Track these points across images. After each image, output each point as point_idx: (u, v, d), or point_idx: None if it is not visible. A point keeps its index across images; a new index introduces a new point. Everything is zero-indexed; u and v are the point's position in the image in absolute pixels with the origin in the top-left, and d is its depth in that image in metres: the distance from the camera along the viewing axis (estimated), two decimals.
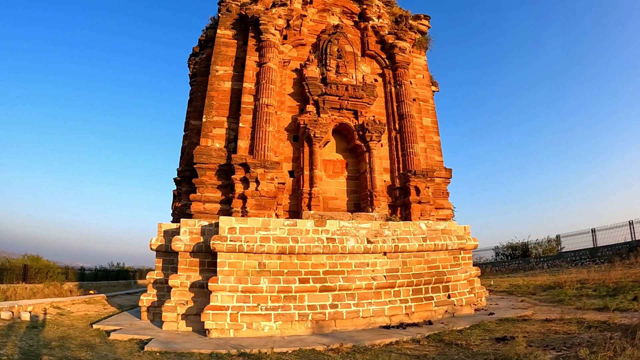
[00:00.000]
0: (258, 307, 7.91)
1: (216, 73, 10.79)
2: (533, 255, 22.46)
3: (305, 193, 9.99)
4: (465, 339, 6.75)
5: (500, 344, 6.18)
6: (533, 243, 23.29)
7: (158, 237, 9.99)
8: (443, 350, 6.16)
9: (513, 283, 15.57)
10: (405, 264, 9.21)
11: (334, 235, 8.69)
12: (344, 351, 6.41)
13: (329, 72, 10.81)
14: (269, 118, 9.95)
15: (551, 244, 22.19)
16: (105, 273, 30.03)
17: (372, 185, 10.35)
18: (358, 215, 9.75)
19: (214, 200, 9.79)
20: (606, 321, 6.95)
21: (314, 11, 11.96)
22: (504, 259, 24.49)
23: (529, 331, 7.02)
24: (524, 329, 7.29)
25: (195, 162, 9.88)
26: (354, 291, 8.40)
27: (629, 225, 18.61)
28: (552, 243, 22.17)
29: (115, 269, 32.39)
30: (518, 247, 23.87)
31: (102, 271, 30.40)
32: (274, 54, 10.70)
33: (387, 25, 12.06)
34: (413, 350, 6.29)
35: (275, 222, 8.52)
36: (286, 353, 6.36)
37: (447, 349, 6.22)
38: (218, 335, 7.62)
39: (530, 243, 23.48)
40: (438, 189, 11.40)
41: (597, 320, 7.18)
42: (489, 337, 6.82)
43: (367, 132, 10.51)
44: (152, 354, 6.28)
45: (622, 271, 13.95)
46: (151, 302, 9.60)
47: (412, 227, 9.48)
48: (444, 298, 9.37)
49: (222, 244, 8.12)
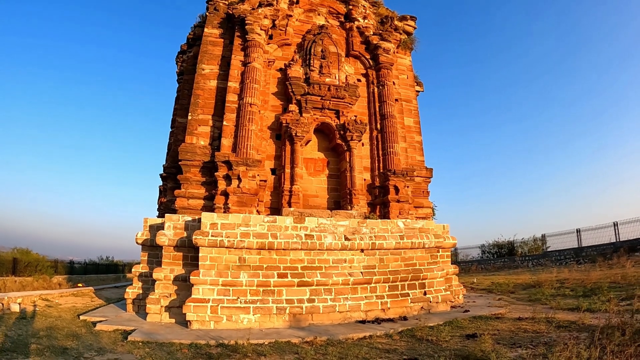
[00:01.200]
0: (238, 300, 8.39)
1: (202, 72, 11.21)
2: (519, 253, 23.10)
3: (286, 190, 10.48)
4: (436, 335, 7.10)
5: (469, 340, 6.48)
6: (519, 242, 23.98)
7: (144, 231, 10.45)
8: (413, 346, 6.53)
9: (495, 281, 16.07)
10: (382, 261, 9.71)
11: (312, 232, 9.18)
12: (318, 344, 6.80)
13: (312, 72, 11.25)
14: (252, 117, 10.41)
15: (537, 243, 22.84)
16: (95, 267, 30.47)
17: (351, 183, 10.86)
18: (337, 213, 10.26)
19: (197, 197, 10.26)
20: (576, 321, 7.23)
21: (300, 11, 12.37)
22: (489, 257, 25.13)
23: (500, 329, 7.36)
24: (496, 326, 7.65)
25: (180, 159, 10.33)
26: (331, 286, 8.87)
27: (614, 226, 19.22)
28: (537, 242, 22.81)
29: (104, 262, 32.83)
30: (504, 246, 24.53)
31: (92, 265, 30.84)
32: (259, 54, 11.12)
33: (372, 26, 12.50)
34: (384, 345, 6.68)
35: (256, 219, 9.00)
36: (262, 345, 6.75)
37: (417, 345, 6.59)
38: (199, 326, 8.07)
39: (516, 242, 24.17)
40: (418, 188, 11.91)
41: (567, 320, 7.47)
42: (459, 334, 7.16)
43: (348, 131, 11.00)
44: (135, 344, 6.72)
45: (602, 272, 14.37)
46: (136, 294, 10.05)
47: (389, 225, 9.98)
48: (420, 295, 9.82)
49: (204, 239, 8.59)
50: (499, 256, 24.38)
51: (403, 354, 6.01)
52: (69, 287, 15.63)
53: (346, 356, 5.89)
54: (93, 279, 22.29)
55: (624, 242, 18.47)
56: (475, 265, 23.52)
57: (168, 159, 12.00)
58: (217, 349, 6.58)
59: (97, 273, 28.67)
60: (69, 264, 29.13)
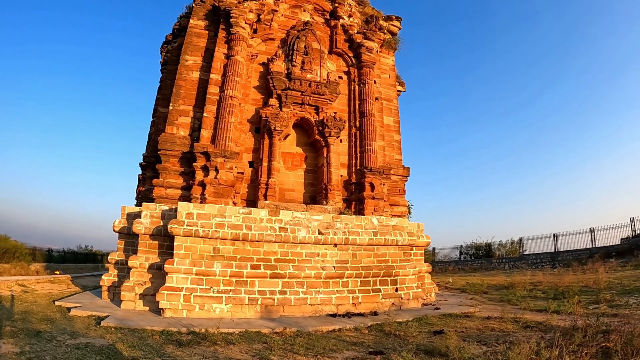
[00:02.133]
0: (210, 289, 8.70)
1: (185, 63, 11.44)
2: (496, 255, 23.83)
3: (263, 183, 10.81)
4: (404, 330, 7.35)
5: (436, 337, 6.70)
6: (497, 244, 24.73)
7: (121, 219, 10.67)
8: (380, 340, 6.77)
9: (470, 282, 16.56)
10: (355, 256, 10.09)
11: (286, 225, 9.52)
12: (287, 335, 7.07)
13: (294, 67, 11.57)
14: (232, 109, 10.70)
15: (514, 245, 23.57)
16: (74, 255, 30.48)
17: (327, 179, 11.23)
18: (312, 207, 10.63)
19: (175, 186, 10.54)
20: (543, 322, 7.47)
21: (286, 7, 12.65)
22: (467, 258, 25.82)
23: (468, 327, 7.61)
24: (464, 324, 7.92)
25: (160, 148, 10.57)
26: (303, 279, 9.22)
27: (590, 232, 20.01)
28: (515, 245, 23.55)
29: (83, 251, 32.83)
30: (482, 247, 25.23)
31: (70, 253, 30.84)
32: (242, 47, 11.40)
33: (356, 25, 12.85)
34: (352, 338, 6.93)
35: (231, 210, 9.31)
36: (232, 334, 6.98)
37: (385, 339, 6.84)
38: (172, 314, 8.35)
39: (493, 244, 24.91)
40: (395, 187, 12.34)
41: (535, 320, 7.72)
42: (427, 330, 7.43)
43: (327, 127, 11.36)
44: (108, 329, 6.95)
45: (575, 276, 14.87)
46: (112, 282, 10.29)
47: (363, 221, 10.37)
48: (392, 291, 10.17)
49: (180, 228, 8.87)
50: (476, 257, 25.09)
51: (369, 347, 6.25)
52: (47, 275, 15.77)
53: (313, 347, 6.17)
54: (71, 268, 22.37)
55: (600, 248, 19.22)
56: (452, 265, 24.15)
57: (148, 148, 12.22)
58: (187, 337, 6.82)
59: (75, 262, 28.70)
60: (47, 252, 29.13)
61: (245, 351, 5.99)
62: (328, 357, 5.69)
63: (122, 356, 5.45)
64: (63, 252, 31.43)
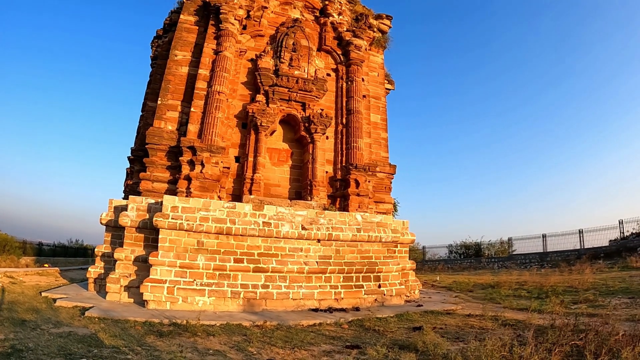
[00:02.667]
0: (194, 282, 8.93)
1: (175, 58, 11.65)
2: (486, 255, 24.20)
3: (248, 178, 11.05)
4: (384, 325, 7.53)
5: (415, 333, 6.73)
6: (486, 243, 25.11)
7: (108, 212, 10.87)
8: (359, 334, 6.96)
9: (457, 280, 16.83)
10: (339, 252, 10.34)
11: (270, 220, 9.77)
12: (267, 328, 7.30)
13: (282, 64, 11.80)
14: (219, 105, 10.92)
15: (503, 245, 23.96)
16: (64, 249, 30.62)
17: (312, 175, 11.49)
18: (296, 203, 10.88)
19: (162, 180, 10.77)
20: (523, 320, 7.56)
21: (276, 3, 12.86)
22: (457, 257, 26.19)
23: (448, 324, 7.76)
24: (444, 321, 8.07)
25: (147, 142, 10.79)
26: (286, 274, 9.45)
27: (579, 233, 20.34)
28: (504, 245, 23.93)
29: (74, 245, 32.94)
30: (471, 247, 25.61)
31: (61, 247, 30.97)
32: (231, 43, 11.61)
33: (346, 23, 13.09)
34: (331, 332, 7.10)
35: (216, 204, 9.55)
36: (213, 326, 7.21)
37: (364, 333, 7.03)
38: (155, 306, 8.57)
39: (483, 243, 25.30)
40: (381, 184, 12.60)
41: (514, 319, 7.86)
42: (407, 326, 7.58)
43: (313, 124, 11.61)
44: (92, 319, 7.18)
45: (562, 276, 15.08)
46: (98, 274, 10.49)
47: (347, 217, 10.62)
48: (375, 287, 10.41)
49: (164, 221, 9.09)
50: (466, 257, 25.47)
51: (347, 341, 6.42)
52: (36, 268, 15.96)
53: (291, 340, 6.37)
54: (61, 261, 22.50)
55: (588, 250, 19.52)
56: (442, 264, 24.53)
57: (137, 142, 12.44)
58: (169, 328, 7.05)
59: (66, 256, 28.85)
60: (37, 245, 29.23)
61: (224, 342, 6.19)
62: (305, 350, 5.88)
63: (103, 345, 5.66)
64: (54, 246, 31.55)
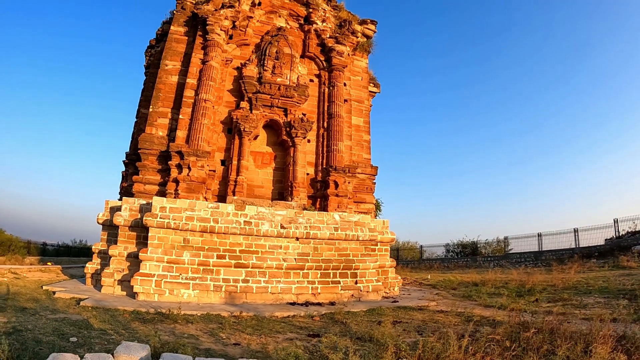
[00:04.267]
0: (180, 276, 10.15)
1: (165, 67, 12.91)
2: (483, 254, 25.08)
3: (232, 180, 12.24)
4: (352, 319, 8.19)
5: (379, 325, 7.19)
6: (483, 242, 26.02)
7: (105, 212, 12.20)
8: (326, 326, 7.66)
9: (447, 278, 17.62)
10: (317, 249, 11.42)
11: (251, 219, 10.93)
12: (243, 318, 8.27)
13: (265, 72, 12.96)
14: (205, 112, 12.14)
15: (500, 244, 24.80)
16: (67, 249, 32.31)
17: (293, 177, 12.63)
18: (277, 203, 12.04)
19: (153, 182, 12.04)
20: (488, 317, 8.08)
21: (261, 13, 14.02)
22: (454, 256, 27.14)
23: (415, 318, 8.41)
24: (413, 316, 8.73)
25: (140, 147, 12.06)
26: (265, 269, 10.59)
27: (574, 232, 21.05)
28: (501, 244, 24.78)
29: (78, 245, 34.62)
30: (468, 246, 26.51)
31: (64, 247, 32.70)
32: (217, 53, 12.81)
33: (329, 29, 14.18)
34: (302, 323, 7.86)
35: (200, 204, 10.77)
36: (194, 315, 8.26)
37: (331, 325, 7.71)
38: (144, 298, 9.80)
39: (479, 242, 26.19)
40: (362, 184, 13.68)
41: (481, 315, 8.42)
42: (374, 320, 8.18)
43: (294, 129, 12.74)
44: (85, 308, 8.39)
45: (547, 275, 15.52)
46: (95, 269, 11.80)
47: (325, 217, 11.72)
48: (352, 283, 11.38)
49: (153, 220, 10.33)
50: (463, 256, 26.35)
51: (313, 331, 7.14)
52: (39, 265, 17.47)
53: (261, 328, 7.36)
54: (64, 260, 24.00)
55: (583, 249, 20.16)
56: (438, 263, 25.42)
57: (131, 147, 13.75)
58: (153, 316, 8.14)
59: (69, 255, 30.46)
60: (42, 245, 30.99)
61: (200, 329, 7.22)
62: (271, 337, 6.80)
63: (92, 328, 6.81)
64: (57, 246, 33.32)
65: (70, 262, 23.74)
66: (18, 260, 18.88)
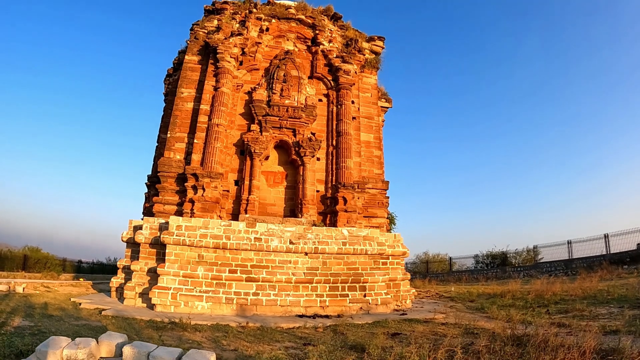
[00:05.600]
0: (194, 289, 11.22)
1: (181, 95, 14.31)
2: (512, 264, 25.00)
3: (244, 199, 13.33)
4: (353, 330, 8.67)
5: (374, 336, 7.64)
6: (512, 252, 25.99)
7: (128, 231, 13.57)
8: (326, 336, 8.11)
9: (468, 290, 17.88)
10: (326, 264, 12.19)
11: (261, 236, 11.91)
12: (249, 328, 9.00)
13: (274, 95, 14.08)
14: (218, 136, 13.36)
15: (530, 254, 24.65)
16: (102, 267, 34.54)
17: (303, 194, 13.56)
18: (287, 220, 12.99)
19: (172, 203, 13.33)
20: (489, 329, 8.09)
21: (269, 38, 15.24)
22: (483, 267, 27.12)
23: (416, 330, 8.66)
24: (415, 328, 9.01)
25: (159, 170, 13.41)
26: (275, 283, 11.43)
27: (604, 238, 20.74)
28: (530, 253, 24.63)
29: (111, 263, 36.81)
30: (497, 256, 26.52)
31: (99, 265, 35.00)
32: (228, 80, 14.08)
33: (336, 49, 15.18)
34: (304, 334, 8.42)
35: (214, 223, 11.88)
36: (204, 325, 9.10)
37: (331, 336, 8.18)
38: (161, 309, 10.94)
39: (509, 252, 26.20)
40: (373, 199, 14.42)
41: (482, 327, 8.56)
42: (374, 332, 8.47)
43: (302, 148, 13.72)
44: (106, 317, 9.57)
45: (570, 284, 15.13)
46: (119, 283, 13.13)
47: (334, 232, 12.54)
48: (360, 296, 11.98)
49: (170, 237, 11.52)
50: (492, 266, 26.36)
51: (310, 340, 7.60)
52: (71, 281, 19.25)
53: (262, 337, 8.07)
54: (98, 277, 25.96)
55: (614, 255, 19.94)
56: (467, 275, 25.53)
57: (152, 170, 15.16)
58: (165, 324, 9.11)
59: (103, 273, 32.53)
60: (77, 263, 33.39)
61: (205, 337, 8.10)
62: (269, 345, 7.47)
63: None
64: (92, 263, 35.73)
65: (104, 279, 25.67)
66: (53, 277, 20.69)
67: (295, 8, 15.45)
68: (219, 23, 14.39)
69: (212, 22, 14.67)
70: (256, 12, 14.61)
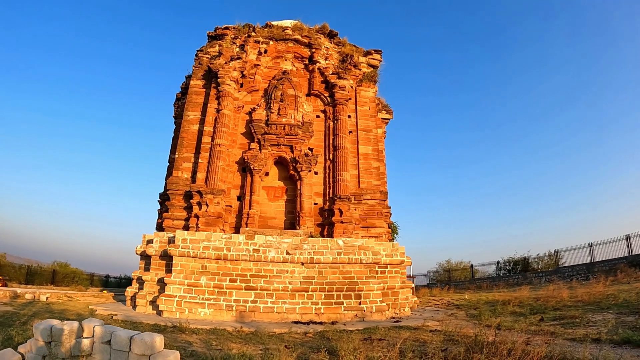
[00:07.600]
0: (197, 297, 12.73)
1: (187, 117, 16.10)
2: (536, 269, 25.16)
3: (245, 214, 14.82)
4: (339, 336, 9.26)
5: (362, 342, 8.30)
6: (534, 257, 26.23)
7: (142, 244, 15.35)
8: (313, 341, 8.90)
9: (479, 298, 18.27)
10: (321, 273, 13.38)
11: (259, 247, 13.34)
12: (244, 332, 10.04)
13: (272, 114, 15.60)
14: (220, 155, 15.00)
15: (552, 258, 24.73)
16: (128, 281, 37.10)
17: (300, 207, 14.92)
18: (285, 232, 14.39)
19: (179, 218, 15.04)
20: (470, 336, 8.24)
21: (268, 59, 16.82)
22: (505, 273, 27.39)
23: (400, 337, 9.08)
24: (401, 335, 9.53)
25: (168, 188, 15.19)
26: (272, 291, 12.74)
27: (626, 239, 20.75)
28: (552, 258, 24.70)
29: None
30: (519, 262, 26.85)
31: (125, 279, 37.49)
32: (229, 102, 15.74)
33: (332, 66, 16.56)
34: (292, 338, 9.26)
35: (216, 236, 13.44)
36: (202, 329, 10.40)
37: (318, 340, 8.93)
38: (167, 315, 12.45)
39: (531, 257, 26.47)
40: (372, 210, 15.56)
41: (465, 335, 8.86)
42: (360, 338, 9.07)
43: (299, 163, 15.12)
44: (115, 321, 11.10)
45: (579, 289, 15.48)
46: (133, 293, 14.82)
47: (329, 242, 13.78)
48: (355, 304, 13.02)
49: (176, 250, 13.15)
50: (514, 273, 26.68)
51: (296, 344, 8.42)
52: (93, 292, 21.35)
53: (250, 340, 9.17)
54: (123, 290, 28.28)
55: (636, 256, 19.78)
56: (487, 282, 25.98)
57: (164, 189, 16.99)
58: (167, 328, 10.52)
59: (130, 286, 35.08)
60: (104, 277, 36.09)
61: (200, 339, 9.35)
62: (253, 346, 8.53)
63: None
64: (120, 278, 38.43)
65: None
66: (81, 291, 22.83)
67: (291, 29, 17.00)
68: (220, 48, 16.12)
69: (214, 47, 16.43)
70: (255, 35, 16.25)
